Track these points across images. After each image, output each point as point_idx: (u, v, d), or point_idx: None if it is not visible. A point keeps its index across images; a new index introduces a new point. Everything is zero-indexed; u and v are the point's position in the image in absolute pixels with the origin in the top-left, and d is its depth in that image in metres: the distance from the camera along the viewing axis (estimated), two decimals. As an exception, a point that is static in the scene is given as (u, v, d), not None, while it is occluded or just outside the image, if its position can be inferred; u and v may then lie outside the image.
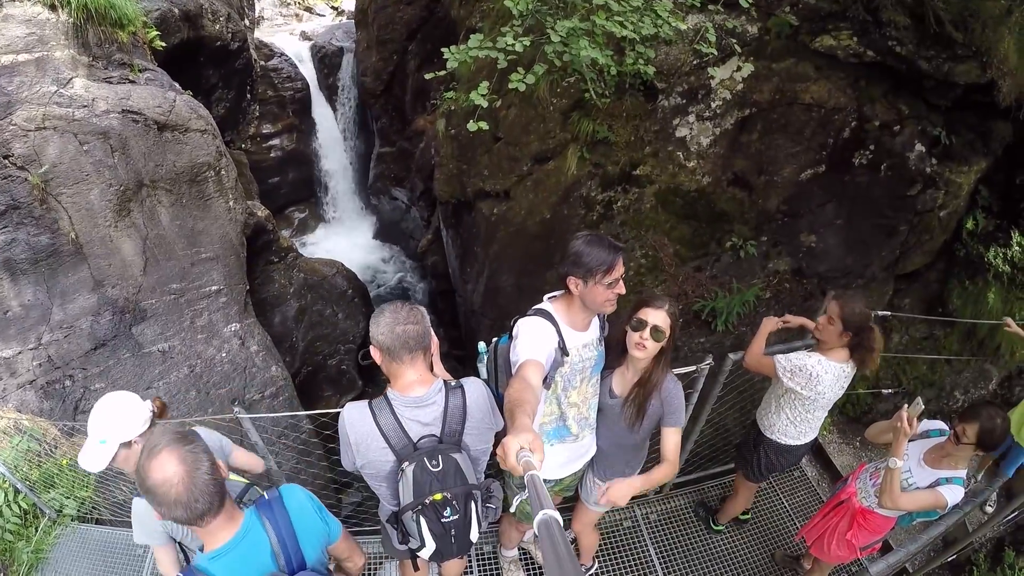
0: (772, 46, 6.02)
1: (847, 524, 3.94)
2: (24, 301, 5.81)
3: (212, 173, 7.09)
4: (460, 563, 4.07)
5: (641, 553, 5.07)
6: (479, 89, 4.57)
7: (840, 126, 5.91)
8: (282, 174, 15.01)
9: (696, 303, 6.25)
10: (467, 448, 2.62)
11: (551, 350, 2.88)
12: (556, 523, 1.29)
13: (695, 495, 5.55)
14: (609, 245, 2.80)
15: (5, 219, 5.67)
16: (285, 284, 9.64)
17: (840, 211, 6.19)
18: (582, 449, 3.51)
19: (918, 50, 5.55)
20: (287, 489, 2.44)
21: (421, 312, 2.51)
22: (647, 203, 6.54)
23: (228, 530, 2.15)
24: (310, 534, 2.37)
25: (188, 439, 2.03)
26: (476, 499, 2.52)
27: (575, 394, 3.18)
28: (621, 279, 2.83)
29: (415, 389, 2.53)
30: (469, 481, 2.50)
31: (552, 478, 3.54)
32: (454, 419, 2.57)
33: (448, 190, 8.64)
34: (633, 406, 3.24)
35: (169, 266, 6.54)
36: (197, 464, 1.99)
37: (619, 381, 3.36)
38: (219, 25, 10.05)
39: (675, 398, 3.23)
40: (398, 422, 2.52)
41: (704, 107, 6.23)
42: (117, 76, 6.76)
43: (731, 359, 4.28)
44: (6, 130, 5.76)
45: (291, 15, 18.26)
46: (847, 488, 4.03)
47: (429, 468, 2.44)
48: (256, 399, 6.60)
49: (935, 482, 3.48)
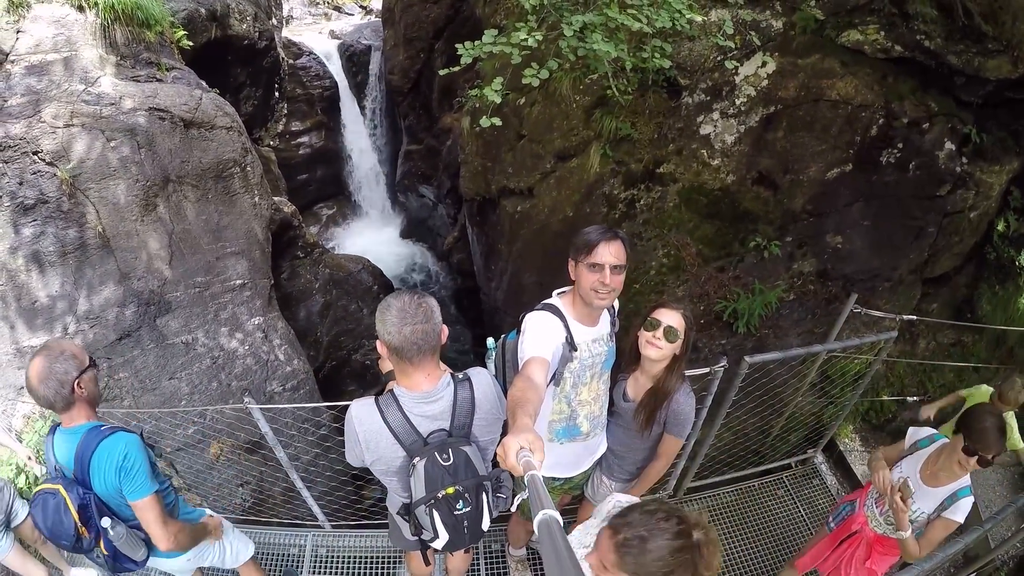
0: (797, 41, 5.93)
1: (864, 552, 3.85)
2: (51, 292, 5.89)
3: (238, 169, 7.17)
4: (466, 558, 4.07)
5: None
6: (493, 85, 4.57)
7: (867, 123, 5.78)
8: (310, 171, 15.14)
9: (718, 303, 6.17)
10: (476, 439, 2.59)
11: (558, 345, 2.86)
12: (556, 523, 1.29)
13: (709, 500, 5.42)
14: (603, 231, 2.77)
15: (34, 213, 5.78)
16: (311, 279, 9.72)
17: (867, 211, 6.07)
18: (592, 447, 3.47)
19: (947, 44, 5.43)
20: (119, 436, 2.84)
21: (431, 306, 2.41)
22: (670, 201, 6.48)
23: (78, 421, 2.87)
24: (101, 472, 2.81)
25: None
26: (487, 490, 2.50)
27: (585, 391, 3.14)
28: (609, 269, 2.74)
29: (423, 386, 2.49)
30: (479, 473, 2.47)
31: (562, 476, 3.50)
32: (463, 412, 2.54)
33: (473, 187, 8.66)
34: (644, 412, 3.21)
35: (194, 260, 6.62)
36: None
37: (633, 385, 3.33)
38: (246, 24, 10.16)
39: (683, 410, 3.18)
40: (406, 418, 2.49)
41: (728, 104, 6.15)
42: (144, 75, 6.86)
43: (747, 362, 4.14)
44: (35, 127, 5.87)
45: (320, 14, 18.34)
46: (856, 517, 3.90)
47: (440, 462, 2.41)
48: (277, 391, 6.65)
49: (941, 505, 3.34)
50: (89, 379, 2.87)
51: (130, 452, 2.82)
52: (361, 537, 5.15)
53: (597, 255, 2.75)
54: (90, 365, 2.91)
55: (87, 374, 2.87)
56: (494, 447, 2.69)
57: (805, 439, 5.89)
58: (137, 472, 2.83)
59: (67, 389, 2.77)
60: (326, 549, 5.09)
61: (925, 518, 3.39)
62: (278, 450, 4.26)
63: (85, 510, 2.85)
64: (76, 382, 2.79)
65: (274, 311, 7.32)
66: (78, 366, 2.83)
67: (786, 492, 5.52)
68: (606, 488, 3.72)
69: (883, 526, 3.67)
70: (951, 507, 3.29)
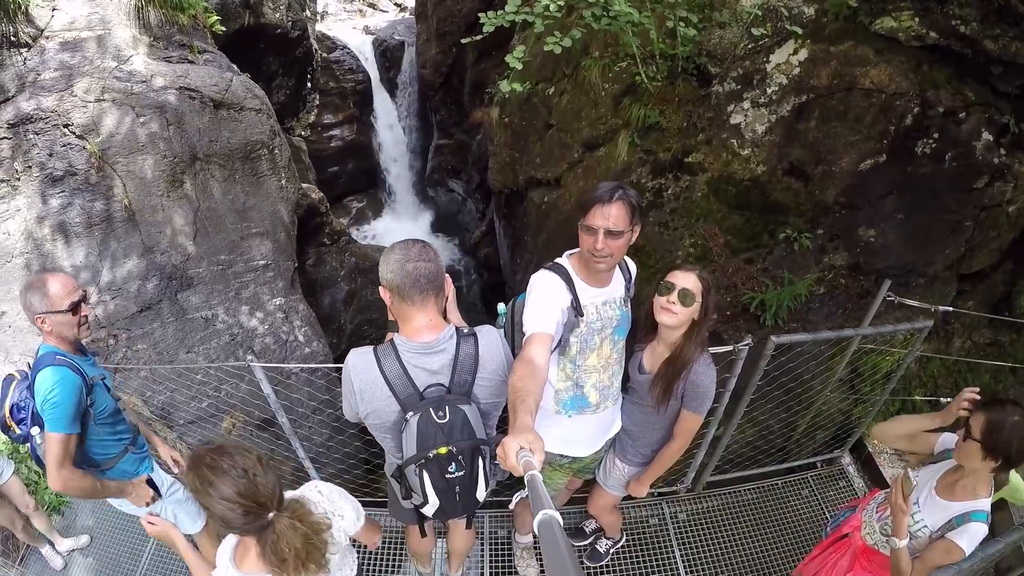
0: (830, 28, 5.78)
1: (848, 563, 3.41)
2: (76, 262, 6.02)
3: (265, 151, 7.24)
4: (467, 538, 3.94)
5: (665, 555, 4.78)
6: (515, 53, 4.53)
7: (902, 113, 5.59)
8: (341, 164, 15.29)
9: (745, 294, 6.04)
10: (477, 400, 2.48)
11: (561, 310, 2.75)
12: (557, 523, 1.26)
13: (729, 497, 5.25)
14: (605, 190, 2.63)
15: (63, 184, 5.91)
16: (336, 267, 9.78)
17: (901, 204, 5.89)
18: (604, 424, 3.31)
19: (983, 29, 5.22)
20: (56, 371, 2.99)
21: (434, 250, 2.38)
22: (699, 191, 6.36)
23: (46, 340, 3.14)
24: (36, 394, 2.98)
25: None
26: (484, 455, 2.38)
27: (593, 357, 2.98)
28: (604, 234, 2.60)
29: (424, 335, 2.40)
30: (478, 435, 2.36)
31: (570, 455, 3.33)
32: (465, 368, 2.43)
33: (501, 179, 8.63)
34: (661, 384, 3.03)
35: (218, 238, 6.69)
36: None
37: (650, 356, 3.16)
38: (279, 13, 10.30)
39: (702, 382, 3.00)
40: (404, 370, 2.40)
41: (759, 93, 6.02)
42: (176, 56, 6.96)
43: (773, 342, 3.98)
44: (67, 100, 5.99)
45: (355, 10, 18.51)
46: (851, 520, 3.52)
47: (435, 419, 2.31)
48: (295, 372, 6.64)
49: (948, 523, 2.83)
50: (53, 320, 3.09)
51: (57, 389, 2.97)
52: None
53: (591, 217, 2.63)
54: (61, 312, 3.09)
55: (52, 316, 3.07)
56: (498, 412, 2.59)
57: (833, 437, 5.74)
58: (56, 409, 2.98)
59: (30, 317, 3.09)
60: None
61: (927, 535, 2.91)
62: (280, 415, 4.23)
63: (20, 411, 3.18)
64: (39, 319, 3.07)
65: (296, 293, 7.36)
66: (47, 305, 3.06)
67: (811, 493, 5.35)
68: (619, 472, 3.56)
69: (876, 535, 3.26)
70: (958, 528, 2.78)
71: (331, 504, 2.47)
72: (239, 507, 1.99)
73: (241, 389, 5.67)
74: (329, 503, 2.47)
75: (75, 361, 3.13)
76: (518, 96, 7.75)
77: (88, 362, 3.29)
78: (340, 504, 2.51)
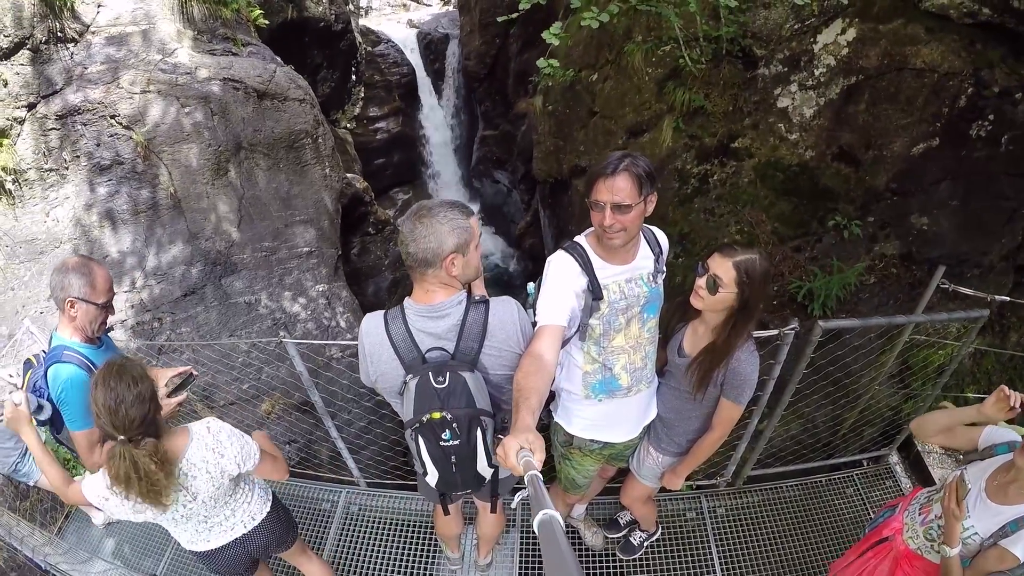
0: (878, 6, 5.56)
1: (888, 569, 3.15)
2: (122, 248, 6.20)
3: (309, 140, 7.33)
4: (496, 523, 3.85)
5: (702, 551, 4.59)
6: (552, 29, 4.48)
7: (955, 93, 5.35)
8: (387, 156, 15.40)
9: (792, 283, 5.87)
10: (485, 370, 2.42)
11: (575, 295, 2.64)
12: (557, 523, 1.26)
13: (770, 493, 5.05)
14: (609, 162, 2.49)
15: (110, 173, 6.08)
16: (381, 256, 9.84)
17: (955, 190, 5.65)
18: (639, 408, 3.14)
19: (1038, 3, 4.98)
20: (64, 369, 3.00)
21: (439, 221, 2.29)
22: (745, 177, 6.21)
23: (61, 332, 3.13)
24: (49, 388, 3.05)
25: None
26: (485, 427, 2.30)
27: (620, 338, 2.81)
28: (611, 208, 2.47)
29: (432, 298, 2.37)
30: (478, 405, 2.28)
31: (601, 439, 3.17)
32: (471, 335, 2.36)
33: (545, 168, 8.58)
34: (699, 370, 2.88)
35: (263, 225, 6.80)
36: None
37: (691, 338, 3.01)
38: (322, 7, 10.43)
39: (743, 369, 2.82)
40: (409, 332, 2.38)
41: (807, 75, 5.84)
42: (220, 49, 7.09)
43: (820, 327, 3.73)
44: (113, 92, 6.15)
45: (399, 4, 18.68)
46: (891, 522, 3.24)
47: (432, 383, 2.26)
48: (336, 357, 6.71)
49: (1002, 530, 2.57)
50: (85, 310, 3.05)
51: (66, 389, 3.00)
52: (396, 499, 5.06)
53: (596, 192, 2.51)
54: (96, 305, 3.07)
55: (86, 305, 3.04)
56: (509, 385, 2.47)
57: (881, 434, 5.52)
58: (70, 408, 3.02)
59: (62, 296, 3.01)
60: (359, 507, 5.04)
61: (978, 542, 2.65)
62: (313, 393, 4.24)
63: (35, 391, 3.17)
64: (70, 300, 3.01)
65: (339, 280, 7.43)
66: (85, 293, 3.02)
67: (855, 492, 5.13)
68: (653, 462, 3.42)
69: (920, 539, 2.99)
70: (1013, 535, 2.54)
71: (214, 441, 2.70)
72: (99, 418, 2.39)
73: (282, 371, 5.75)
74: (214, 440, 2.70)
75: (84, 355, 3.11)
76: (561, 83, 7.67)
77: (99, 351, 3.24)
78: (225, 443, 2.72)
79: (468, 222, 2.35)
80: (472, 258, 2.41)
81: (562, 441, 3.29)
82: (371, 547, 4.74)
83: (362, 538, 4.81)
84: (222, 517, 2.98)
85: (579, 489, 3.58)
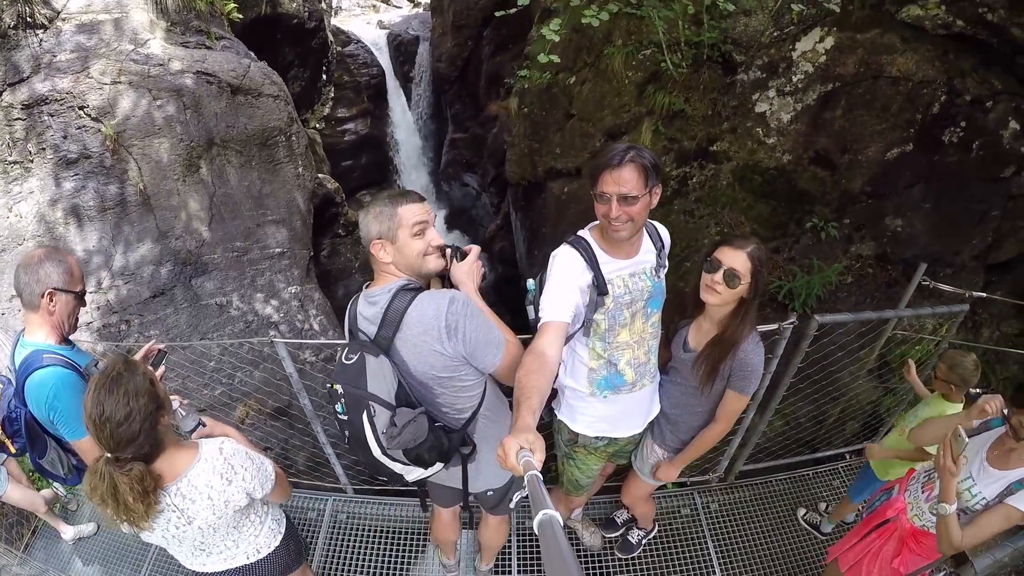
0: (856, 16, 5.73)
1: (894, 548, 3.23)
2: (88, 246, 6.00)
3: (283, 138, 7.23)
4: (499, 529, 3.84)
5: (698, 546, 4.65)
6: (551, 25, 4.53)
7: (929, 101, 5.54)
8: (355, 157, 15.27)
9: (772, 283, 5.98)
10: (402, 360, 2.44)
11: (580, 291, 2.62)
12: (557, 523, 1.26)
13: (761, 488, 5.13)
14: (615, 153, 2.46)
15: (76, 167, 5.90)
16: (351, 258, 9.76)
17: (928, 193, 5.83)
18: (642, 404, 3.14)
19: (1009, 17, 5.17)
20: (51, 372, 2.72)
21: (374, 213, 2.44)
22: (724, 180, 6.32)
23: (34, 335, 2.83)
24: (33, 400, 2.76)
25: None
26: (373, 413, 2.32)
27: (625, 333, 2.81)
28: (617, 200, 2.45)
29: (374, 284, 2.54)
30: (368, 388, 2.31)
31: (606, 436, 3.16)
32: (388, 323, 2.40)
33: (519, 171, 8.58)
34: (706, 364, 2.90)
35: (234, 225, 6.68)
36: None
37: (695, 333, 3.03)
38: (296, 3, 10.32)
39: (751, 360, 2.84)
40: (352, 314, 2.58)
41: (785, 81, 5.98)
42: (194, 41, 6.96)
43: (816, 321, 3.79)
44: (82, 82, 5.98)
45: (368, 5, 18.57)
46: (894, 502, 3.32)
47: (343, 360, 2.42)
48: (310, 360, 6.63)
49: (1007, 489, 2.67)
50: (64, 301, 2.83)
51: (58, 393, 2.74)
52: (385, 505, 4.98)
53: (602, 184, 2.48)
54: (75, 294, 2.86)
55: (65, 296, 2.82)
56: (443, 389, 2.53)
57: (862, 427, 5.67)
58: (66, 415, 2.77)
59: (39, 290, 2.75)
60: (346, 515, 4.95)
61: (984, 507, 2.75)
62: (303, 396, 4.15)
63: (11, 423, 2.88)
64: (49, 292, 2.76)
65: (312, 282, 7.37)
66: (64, 282, 2.80)
67: (841, 484, 5.26)
68: (656, 459, 3.42)
69: (925, 516, 3.08)
70: (1019, 493, 2.62)
71: (225, 466, 2.41)
72: (87, 428, 2.15)
73: (255, 376, 5.62)
74: (224, 464, 2.41)
75: (65, 355, 2.84)
76: (537, 85, 7.70)
77: (75, 352, 2.98)
78: (236, 469, 2.44)
79: (395, 209, 2.39)
80: (407, 245, 2.42)
81: (566, 440, 3.26)
82: (360, 555, 4.66)
83: (351, 547, 4.73)
84: (223, 547, 2.68)
85: (581, 490, 3.59)
